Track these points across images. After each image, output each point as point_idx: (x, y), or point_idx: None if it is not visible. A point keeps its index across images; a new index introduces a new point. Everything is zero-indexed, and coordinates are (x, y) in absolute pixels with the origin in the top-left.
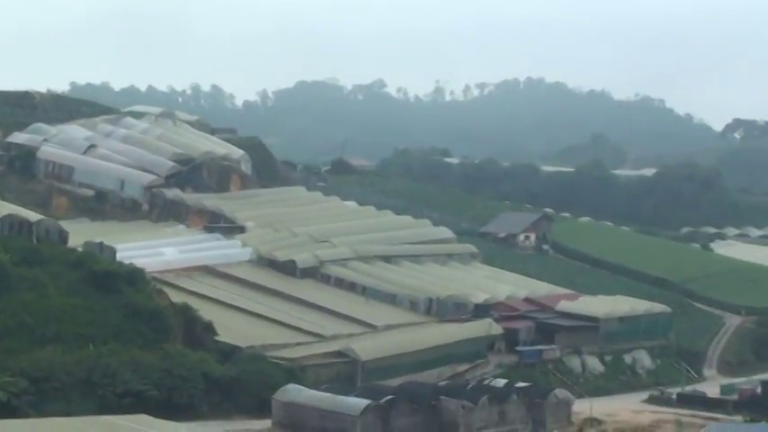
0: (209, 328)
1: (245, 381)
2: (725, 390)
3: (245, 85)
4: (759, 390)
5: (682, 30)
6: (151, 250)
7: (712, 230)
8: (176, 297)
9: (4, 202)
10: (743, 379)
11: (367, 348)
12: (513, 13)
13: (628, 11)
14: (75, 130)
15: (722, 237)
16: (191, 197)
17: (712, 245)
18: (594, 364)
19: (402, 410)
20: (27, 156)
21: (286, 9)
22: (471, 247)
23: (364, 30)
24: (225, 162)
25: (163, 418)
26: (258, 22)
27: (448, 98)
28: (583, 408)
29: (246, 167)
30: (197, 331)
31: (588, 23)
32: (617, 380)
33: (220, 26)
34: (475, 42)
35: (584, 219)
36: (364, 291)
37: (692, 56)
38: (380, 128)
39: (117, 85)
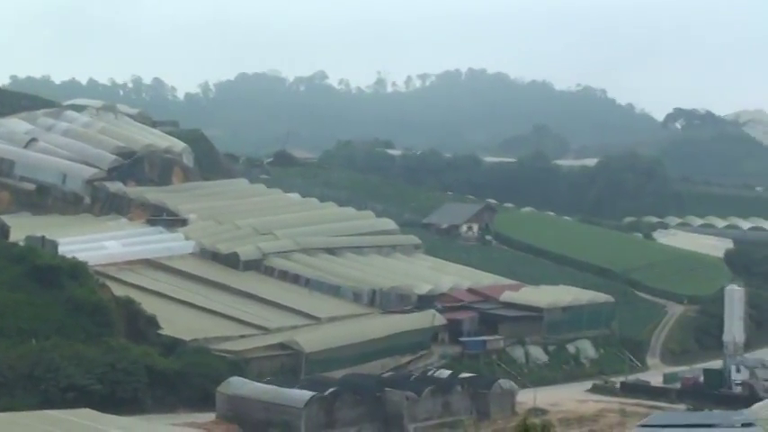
0: (152, 322)
1: (189, 374)
2: (668, 378)
3: (186, 78)
4: (701, 378)
5: (623, 20)
6: (94, 244)
7: (654, 220)
8: (119, 291)
9: None
10: (685, 367)
11: (311, 340)
12: (454, 3)
13: (569, 1)
14: (16, 124)
15: (664, 226)
16: (133, 190)
17: (654, 234)
18: (538, 353)
19: (346, 402)
20: None
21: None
22: (414, 239)
23: (305, 21)
24: (167, 155)
25: (107, 412)
26: (199, 13)
27: (390, 89)
28: (527, 398)
29: (189, 160)
30: (140, 325)
31: (529, 14)
32: (561, 369)
33: (161, 18)
34: (416, 33)
35: (527, 209)
36: (308, 283)
37: (634, 46)
38: (323, 120)
39: (58, 78)
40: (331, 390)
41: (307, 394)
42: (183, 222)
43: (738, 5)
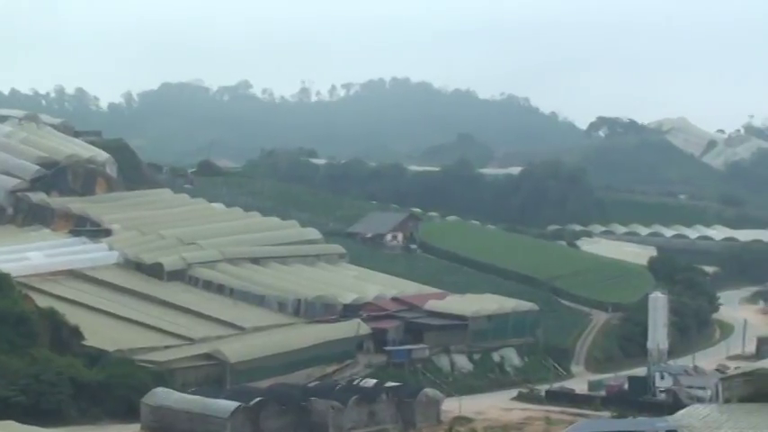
0: (76, 333)
1: (114, 385)
2: (592, 386)
3: (109, 88)
4: (626, 385)
5: (546, 28)
6: (16, 255)
7: (578, 228)
8: (43, 302)
9: None
10: (610, 375)
11: (236, 350)
12: (377, 12)
13: (492, 10)
14: None
15: (588, 234)
16: (56, 201)
17: (578, 242)
18: (463, 362)
19: (271, 412)
20: None
21: (149, 9)
22: (339, 248)
23: (229, 30)
24: (90, 165)
25: (31, 423)
26: (122, 22)
27: (314, 99)
28: (452, 406)
29: (112, 170)
30: (64, 336)
31: (453, 23)
32: (486, 378)
33: (84, 28)
34: (340, 43)
35: (452, 218)
36: (232, 293)
37: (557, 54)
38: (247, 129)
39: None
40: (256, 400)
41: (232, 405)
42: (107, 233)
43: (661, 15)
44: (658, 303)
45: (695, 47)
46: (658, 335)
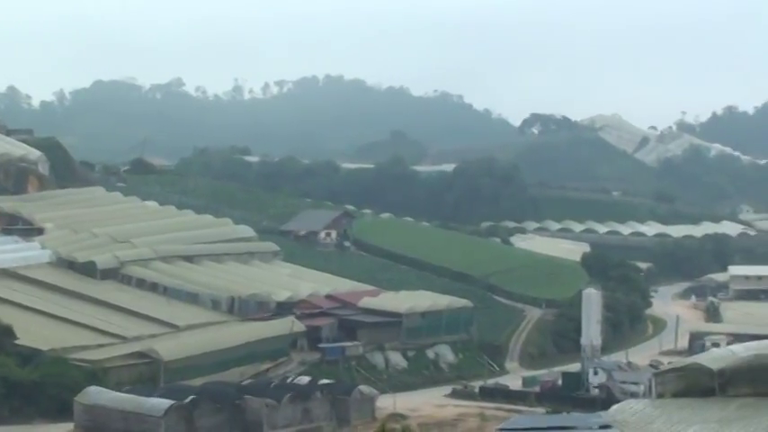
0: (8, 332)
1: (47, 384)
2: (527, 382)
3: (41, 86)
4: (560, 381)
5: (480, 25)
6: None
7: (512, 224)
8: None
9: None
10: (544, 371)
11: (169, 348)
12: (310, 9)
13: (425, 7)
14: None
15: (522, 231)
16: None
17: (512, 239)
18: (397, 359)
19: (206, 410)
20: None
21: (82, 7)
22: (273, 246)
23: (161, 28)
24: (22, 163)
25: None
26: (54, 21)
27: (247, 96)
28: (386, 403)
29: (44, 168)
30: None
31: (386, 19)
32: (420, 375)
33: (15, 26)
34: (273, 40)
35: (385, 215)
36: (166, 291)
37: (490, 51)
38: (180, 127)
39: None
40: (190, 398)
41: (165, 403)
42: (39, 231)
43: (594, 13)
44: (592, 299)
45: (628, 44)
46: (592, 331)
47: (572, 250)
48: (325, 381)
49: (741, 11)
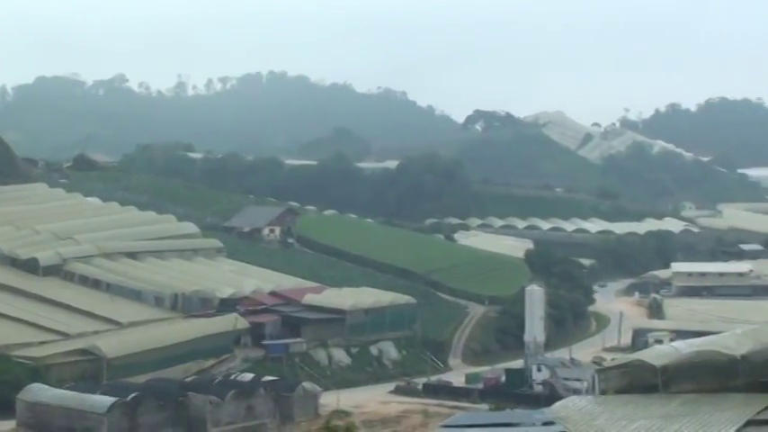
0: None
1: None
2: (470, 379)
3: None
4: (503, 378)
5: (423, 22)
6: None
7: (455, 221)
8: None
9: None
10: (487, 368)
11: (112, 345)
12: (255, 7)
13: (368, 4)
14: None
15: (465, 227)
16: None
17: (456, 235)
18: (341, 356)
19: (149, 407)
20: None
21: (24, 3)
22: (216, 242)
23: (105, 23)
24: None
25: None
26: None
27: (191, 93)
28: (330, 400)
29: None
30: None
31: (330, 16)
32: (364, 371)
33: None
34: (217, 36)
35: (329, 212)
36: (109, 288)
37: (434, 49)
38: (123, 123)
39: None
40: (133, 395)
41: (108, 400)
42: None
43: (538, 11)
44: (535, 296)
45: (571, 42)
46: (535, 327)
47: (515, 247)
48: (268, 378)
49: (684, 10)
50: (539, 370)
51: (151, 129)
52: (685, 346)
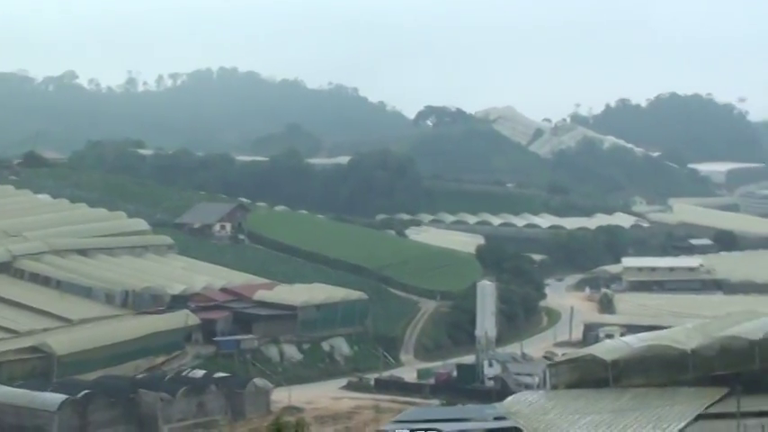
0: None
1: None
2: (422, 374)
3: None
4: (455, 373)
5: (374, 18)
6: None
7: (407, 217)
8: None
9: None
10: (439, 363)
11: (63, 343)
12: (205, 2)
13: (319, 0)
14: None
15: (416, 223)
16: None
17: (407, 231)
18: (293, 352)
19: (100, 404)
20: None
21: None
22: (167, 239)
23: (54, 20)
24: None
25: None
26: None
27: (141, 89)
28: (282, 396)
29: None
30: None
31: (280, 12)
32: (315, 367)
33: None
34: (167, 32)
35: (280, 208)
36: (59, 285)
37: (385, 44)
38: (73, 120)
39: None
40: (84, 392)
41: (59, 398)
42: None
43: (489, 7)
44: (486, 291)
45: (522, 37)
46: (486, 322)
47: (466, 242)
48: (219, 374)
49: (635, 5)
50: (490, 365)
51: (101, 125)
52: (636, 341)
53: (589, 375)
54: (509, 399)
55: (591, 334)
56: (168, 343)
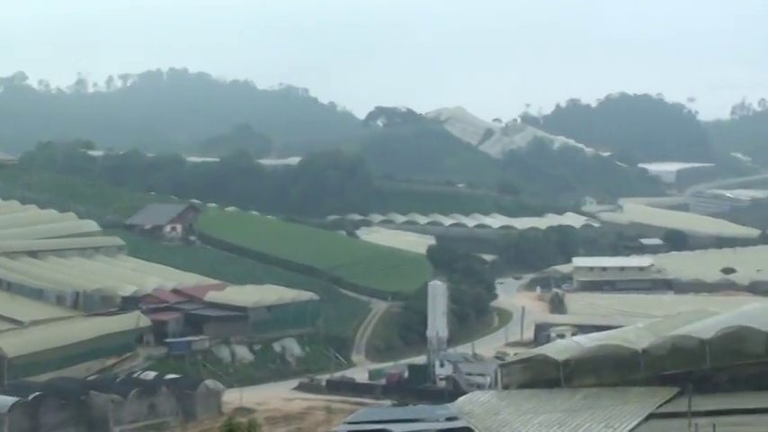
0: None
1: None
2: (373, 375)
3: None
4: (406, 373)
5: (323, 19)
6: None
7: (358, 217)
8: None
9: None
10: (390, 363)
11: (13, 345)
12: (154, 2)
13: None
14: None
15: (367, 223)
16: None
17: (358, 232)
18: (244, 353)
19: (51, 406)
20: None
21: None
22: (118, 240)
23: (2, 21)
24: None
25: None
26: None
27: (91, 90)
28: (233, 397)
29: None
30: None
31: (230, 13)
32: (267, 368)
33: None
34: (117, 33)
35: (231, 209)
36: (9, 286)
37: (334, 45)
38: (23, 121)
39: None
40: (35, 394)
41: (9, 400)
42: None
43: (438, 7)
44: (437, 291)
45: (472, 37)
46: (438, 323)
47: (417, 243)
48: (171, 376)
49: (584, 5)
50: (442, 365)
51: (51, 126)
52: (587, 341)
53: (541, 375)
54: (461, 399)
55: (542, 334)
56: (119, 344)
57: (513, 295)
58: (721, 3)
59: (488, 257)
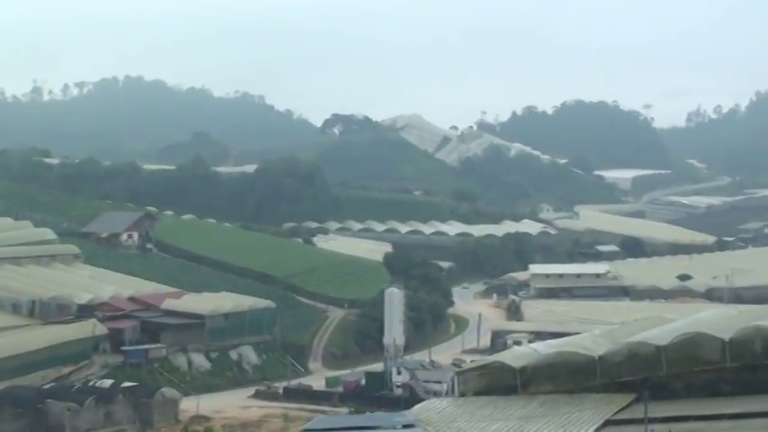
0: None
1: None
2: (330, 382)
3: None
4: (363, 381)
5: (280, 26)
6: None
7: (314, 225)
8: None
9: None
10: (347, 371)
11: None
12: (110, 10)
13: (224, 8)
14: None
15: (324, 231)
16: None
17: (314, 239)
18: (201, 361)
19: (6, 415)
20: None
21: None
22: (73, 248)
23: None
24: None
25: None
26: None
27: (46, 98)
28: (190, 405)
29: None
30: None
31: (186, 20)
32: (224, 376)
33: None
34: (72, 41)
35: (188, 216)
36: None
37: (291, 53)
38: None
39: None
40: None
41: None
42: None
43: (394, 15)
44: (394, 298)
45: (428, 46)
46: (394, 330)
47: (374, 250)
48: (127, 384)
49: (539, 14)
50: (398, 373)
51: (7, 134)
52: (544, 348)
53: (497, 382)
54: (418, 406)
55: (499, 341)
56: (75, 353)
57: (470, 302)
58: (677, 11)
59: (445, 264)
